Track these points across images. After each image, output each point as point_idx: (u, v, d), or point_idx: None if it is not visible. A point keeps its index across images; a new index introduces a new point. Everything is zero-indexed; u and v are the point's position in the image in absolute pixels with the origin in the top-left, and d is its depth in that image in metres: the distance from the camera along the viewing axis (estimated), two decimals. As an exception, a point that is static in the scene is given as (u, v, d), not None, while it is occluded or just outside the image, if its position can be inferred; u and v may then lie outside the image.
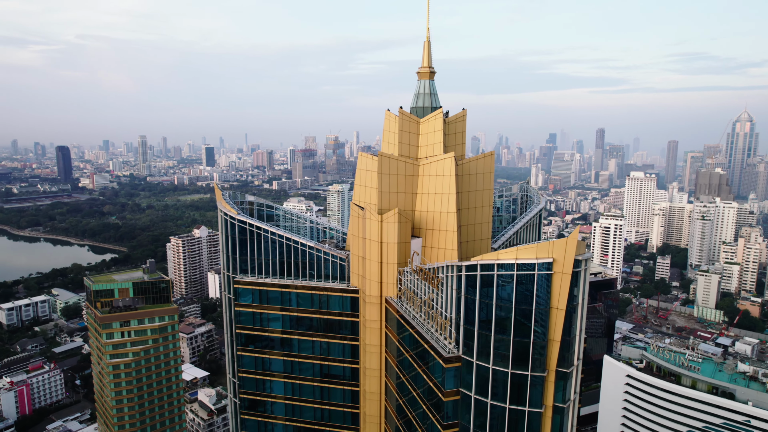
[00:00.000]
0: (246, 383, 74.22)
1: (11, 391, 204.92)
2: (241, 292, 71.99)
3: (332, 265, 68.82)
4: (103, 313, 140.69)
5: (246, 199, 79.12)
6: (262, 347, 73.11)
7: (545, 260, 41.42)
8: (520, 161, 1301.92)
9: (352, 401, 70.15)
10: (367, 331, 66.27)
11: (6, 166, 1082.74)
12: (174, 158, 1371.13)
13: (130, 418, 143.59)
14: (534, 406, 44.09)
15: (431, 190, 62.80)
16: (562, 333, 43.04)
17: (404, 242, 61.86)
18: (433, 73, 68.28)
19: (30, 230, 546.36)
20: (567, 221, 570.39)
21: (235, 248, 71.57)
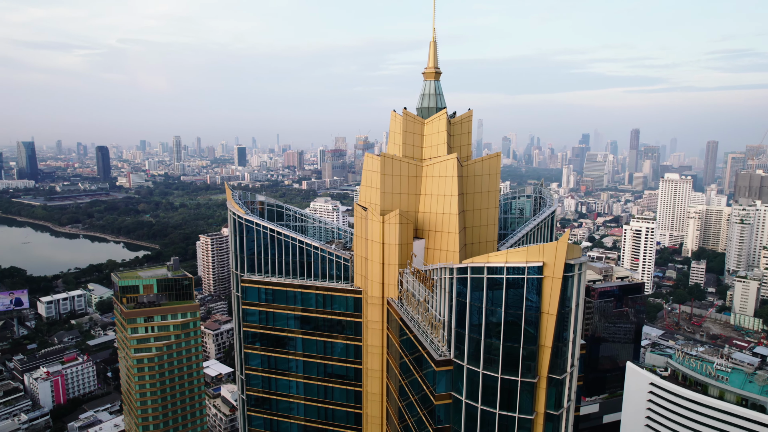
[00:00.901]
0: (252, 380, 75.34)
1: (47, 381, 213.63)
2: (248, 291, 73.14)
3: (336, 266, 69.15)
4: (129, 308, 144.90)
5: (256, 199, 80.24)
6: (267, 345, 74.06)
7: (535, 264, 40.53)
8: (552, 162, 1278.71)
9: (355, 401, 70.34)
10: (369, 332, 66.30)
11: (51, 166, 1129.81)
12: (207, 158, 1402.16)
13: (153, 411, 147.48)
14: (524, 412, 43.21)
15: (434, 192, 62.34)
16: (553, 339, 42.05)
17: (406, 243, 61.59)
18: (439, 74, 67.76)
19: (70, 227, 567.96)
20: (598, 223, 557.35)
21: (242, 247, 72.74)
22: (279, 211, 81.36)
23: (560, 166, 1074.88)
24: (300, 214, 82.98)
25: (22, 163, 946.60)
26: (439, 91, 67.96)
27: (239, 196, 78.36)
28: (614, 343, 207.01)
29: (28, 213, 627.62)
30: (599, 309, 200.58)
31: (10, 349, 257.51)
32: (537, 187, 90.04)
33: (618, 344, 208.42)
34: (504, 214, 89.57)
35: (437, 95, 67.49)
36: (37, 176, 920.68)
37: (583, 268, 42.43)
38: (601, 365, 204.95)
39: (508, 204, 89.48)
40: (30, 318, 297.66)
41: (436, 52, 66.91)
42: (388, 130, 69.25)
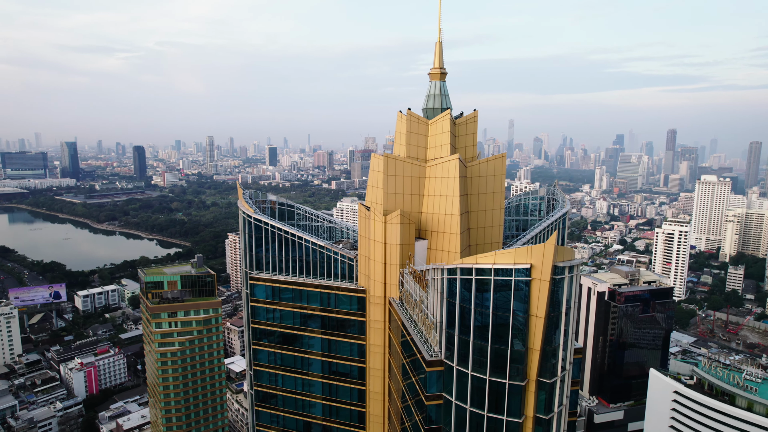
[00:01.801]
0: (260, 376, 76.78)
1: (81, 372, 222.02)
2: (256, 288, 74.60)
3: (341, 265, 69.83)
4: (153, 304, 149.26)
5: (268, 198, 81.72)
6: (274, 342, 75.35)
7: (522, 266, 40.13)
8: (585, 163, 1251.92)
9: (358, 400, 70.87)
10: (372, 331, 66.76)
11: (91, 165, 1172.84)
12: (240, 158, 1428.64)
13: (176, 404, 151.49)
14: (512, 415, 42.80)
15: (437, 192, 62.32)
16: (543, 342, 41.53)
17: (407, 244, 61.74)
18: (444, 74, 67.64)
19: (107, 224, 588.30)
20: (631, 226, 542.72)
21: (251, 245, 74.24)
22: (290, 210, 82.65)
23: (593, 168, 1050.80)
24: (311, 213, 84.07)
25: (65, 163, 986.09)
26: (445, 91, 67.83)
27: (250, 195, 79.99)
28: (641, 349, 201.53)
29: (69, 210, 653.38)
30: (624, 314, 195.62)
31: (49, 340, 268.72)
32: (550, 188, 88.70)
33: (645, 350, 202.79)
34: (517, 215, 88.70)
35: (442, 96, 67.39)
36: (78, 175, 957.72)
37: (575, 271, 41.75)
38: (626, 371, 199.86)
39: (520, 205, 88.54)
40: (68, 311, 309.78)
41: (442, 53, 66.82)
42: (395, 130, 69.57)
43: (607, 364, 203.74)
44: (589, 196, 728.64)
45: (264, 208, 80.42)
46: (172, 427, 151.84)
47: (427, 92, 68.29)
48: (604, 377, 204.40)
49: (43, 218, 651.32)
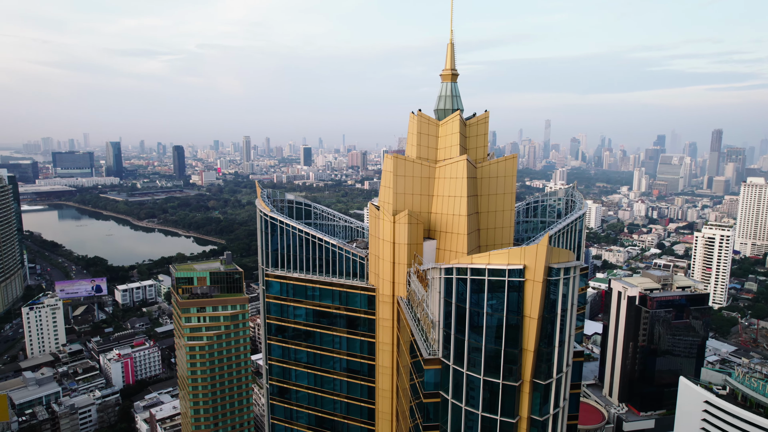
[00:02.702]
0: (275, 370, 78.83)
1: (119, 362, 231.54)
2: (271, 284, 76.62)
3: (353, 264, 71.01)
4: (183, 299, 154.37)
5: (285, 197, 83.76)
6: (288, 337, 77.22)
7: (516, 267, 40.22)
8: (623, 164, 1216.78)
9: (368, 397, 71.86)
10: (381, 329, 67.69)
11: (134, 164, 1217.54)
12: (275, 158, 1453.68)
13: (204, 396, 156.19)
14: (506, 415, 42.87)
15: (445, 193, 62.70)
16: (537, 343, 41.48)
17: (415, 243, 62.37)
18: (456, 76, 67.91)
19: (147, 221, 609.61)
20: (670, 230, 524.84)
21: (267, 243, 76.32)
22: (307, 209, 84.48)
23: (631, 169, 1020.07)
24: (327, 212, 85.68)
25: (110, 162, 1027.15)
26: (456, 93, 68.10)
27: (268, 194, 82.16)
28: (675, 357, 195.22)
29: (113, 208, 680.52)
30: (656, 319, 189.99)
31: (90, 331, 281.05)
32: (569, 190, 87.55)
33: (679, 358, 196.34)
34: (534, 217, 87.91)
35: (453, 97, 67.68)
36: (121, 174, 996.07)
37: (572, 273, 41.51)
38: (658, 379, 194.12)
39: (537, 207, 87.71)
40: (108, 304, 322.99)
41: (453, 55, 67.11)
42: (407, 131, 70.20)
43: (637, 371, 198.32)
44: (626, 199, 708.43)
45: (282, 207, 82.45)
46: (200, 419, 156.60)
47: (439, 93, 68.72)
48: (635, 384, 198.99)
49: (89, 215, 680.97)
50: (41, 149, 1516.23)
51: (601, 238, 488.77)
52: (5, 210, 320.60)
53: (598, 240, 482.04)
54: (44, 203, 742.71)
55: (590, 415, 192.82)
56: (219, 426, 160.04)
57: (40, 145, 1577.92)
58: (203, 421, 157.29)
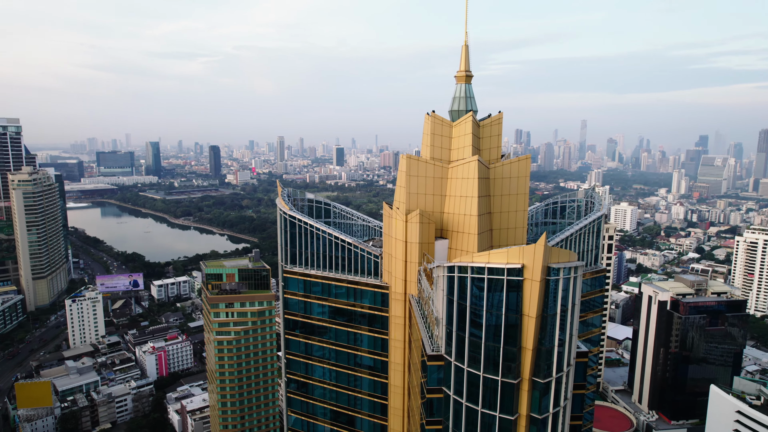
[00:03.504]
0: (292, 365, 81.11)
1: (153, 355, 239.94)
2: (289, 281, 78.95)
3: (368, 262, 72.52)
4: (213, 294, 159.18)
5: (306, 196, 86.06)
6: (305, 333, 79.37)
7: (514, 266, 40.81)
8: (662, 166, 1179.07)
9: (381, 392, 73.24)
10: (393, 326, 68.99)
11: (172, 163, 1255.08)
12: (309, 158, 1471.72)
13: (231, 390, 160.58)
14: (505, 412, 43.46)
15: (457, 193, 63.49)
16: (536, 341, 41.96)
17: (427, 242, 63.38)
18: (470, 77, 68.54)
19: (183, 219, 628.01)
20: (710, 233, 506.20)
21: (286, 240, 78.68)
22: (326, 208, 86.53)
23: (671, 171, 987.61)
24: (346, 212, 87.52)
25: (149, 161, 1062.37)
26: (470, 94, 68.75)
27: (288, 193, 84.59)
28: (709, 365, 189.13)
29: (151, 205, 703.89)
30: (689, 326, 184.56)
31: (128, 324, 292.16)
32: (588, 191, 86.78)
33: (714, 366, 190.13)
34: (553, 218, 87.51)
35: (467, 98, 68.36)
36: (160, 173, 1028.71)
37: (573, 273, 41.80)
38: (690, 387, 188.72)
39: (557, 208, 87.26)
40: (144, 299, 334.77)
41: (468, 56, 67.79)
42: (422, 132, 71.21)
43: (669, 378, 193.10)
44: (664, 201, 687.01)
45: (302, 206, 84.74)
46: (227, 411, 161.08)
47: (453, 95, 69.51)
48: (666, 391, 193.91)
49: (129, 212, 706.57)
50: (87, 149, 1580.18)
51: (636, 242, 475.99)
52: (52, 207, 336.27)
53: (633, 243, 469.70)
54: (88, 201, 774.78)
55: (618, 422, 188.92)
56: (245, 419, 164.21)
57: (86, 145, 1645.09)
58: (230, 414, 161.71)
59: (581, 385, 48.27)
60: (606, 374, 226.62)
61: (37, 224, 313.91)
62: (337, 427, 78.92)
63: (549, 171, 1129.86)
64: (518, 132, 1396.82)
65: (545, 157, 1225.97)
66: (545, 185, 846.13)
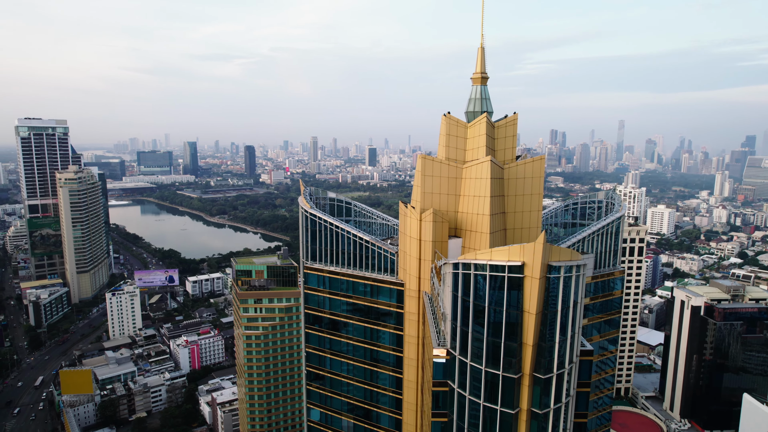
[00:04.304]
0: (311, 358, 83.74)
1: (186, 348, 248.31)
2: (309, 277, 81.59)
3: (384, 259, 74.34)
4: (242, 290, 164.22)
5: (327, 196, 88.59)
6: (323, 327, 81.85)
7: (515, 263, 41.83)
8: (704, 167, 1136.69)
9: (396, 387, 74.91)
10: (407, 322, 70.60)
11: (209, 163, 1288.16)
12: (342, 158, 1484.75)
13: (258, 383, 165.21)
14: (506, 406, 44.45)
15: (471, 193, 64.63)
16: (537, 338, 42.87)
17: (440, 241, 64.74)
18: (486, 79, 69.50)
19: (218, 217, 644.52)
20: (755, 238, 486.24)
21: (307, 238, 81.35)
22: (347, 207, 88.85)
23: (714, 172, 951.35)
24: (366, 211, 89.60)
25: (187, 161, 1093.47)
26: (486, 95, 69.71)
27: (310, 192, 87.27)
28: (745, 374, 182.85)
29: (188, 204, 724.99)
30: (725, 332, 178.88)
31: (163, 319, 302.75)
32: (609, 192, 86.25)
33: (751, 375, 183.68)
34: (573, 219, 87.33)
35: (483, 99, 69.35)
36: (197, 172, 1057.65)
37: (575, 271, 42.47)
38: (726, 396, 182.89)
39: (577, 209, 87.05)
40: (179, 294, 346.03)
41: (484, 59, 68.80)
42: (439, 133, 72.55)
43: (702, 386, 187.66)
44: (705, 204, 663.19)
45: (323, 204, 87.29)
46: (254, 405, 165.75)
47: (469, 96, 70.60)
48: (699, 400, 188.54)
49: (167, 210, 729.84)
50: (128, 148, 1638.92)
51: (674, 245, 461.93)
52: (95, 204, 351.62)
53: (670, 247, 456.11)
54: (129, 199, 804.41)
55: (648, 429, 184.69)
56: (272, 413, 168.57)
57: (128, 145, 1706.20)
58: (257, 407, 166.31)
59: (586, 383, 48.81)
60: (637, 380, 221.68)
61: (81, 220, 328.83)
62: (354, 420, 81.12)
63: (585, 172, 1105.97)
64: (553, 132, 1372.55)
65: (581, 158, 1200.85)
66: (580, 187, 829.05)
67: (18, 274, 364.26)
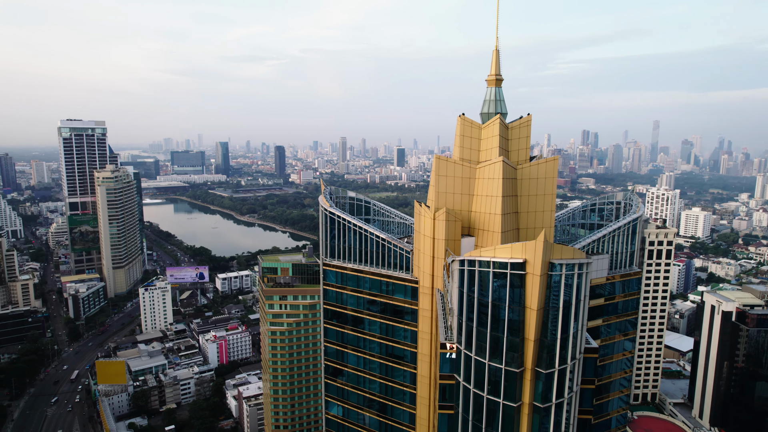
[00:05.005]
0: (330, 351, 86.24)
1: (214, 343, 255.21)
2: (328, 273, 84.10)
3: (400, 257, 76.22)
4: (268, 287, 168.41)
5: (347, 195, 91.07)
6: (341, 322, 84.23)
7: (517, 260, 43.08)
8: (745, 169, 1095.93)
9: (411, 382, 76.63)
10: (421, 319, 72.28)
11: (240, 163, 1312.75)
12: (370, 158, 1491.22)
13: (282, 378, 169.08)
14: (508, 399, 45.68)
15: (483, 192, 65.90)
16: (540, 333, 43.99)
17: (453, 239, 66.18)
18: (500, 81, 70.62)
19: (248, 216, 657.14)
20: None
21: (326, 235, 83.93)
22: (366, 206, 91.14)
23: (755, 174, 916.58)
24: (385, 210, 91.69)
25: (218, 161, 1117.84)
26: (500, 97, 70.83)
27: (330, 192, 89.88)
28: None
29: (219, 203, 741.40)
30: (757, 339, 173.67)
31: (193, 314, 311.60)
32: (627, 194, 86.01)
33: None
34: (591, 219, 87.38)
35: (497, 101, 70.49)
36: (228, 171, 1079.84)
37: (577, 269, 43.47)
38: (759, 405, 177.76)
39: (594, 210, 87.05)
40: (209, 291, 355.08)
41: (499, 61, 69.94)
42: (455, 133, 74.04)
43: (734, 394, 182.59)
44: (745, 207, 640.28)
45: (343, 203, 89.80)
46: (278, 399, 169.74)
47: (484, 97, 71.84)
48: (729, 408, 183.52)
49: (199, 209, 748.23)
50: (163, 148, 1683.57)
51: (709, 249, 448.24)
52: (130, 203, 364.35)
53: (705, 251, 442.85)
54: (162, 197, 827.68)
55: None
56: (295, 408, 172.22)
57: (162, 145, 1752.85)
58: (281, 402, 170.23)
59: (590, 380, 49.59)
60: (665, 386, 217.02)
61: (117, 218, 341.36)
62: (370, 413, 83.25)
63: (617, 174, 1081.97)
64: (585, 133, 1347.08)
65: (613, 160, 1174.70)
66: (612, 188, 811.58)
67: (59, 268, 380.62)
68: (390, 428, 79.89)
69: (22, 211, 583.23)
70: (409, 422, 78.03)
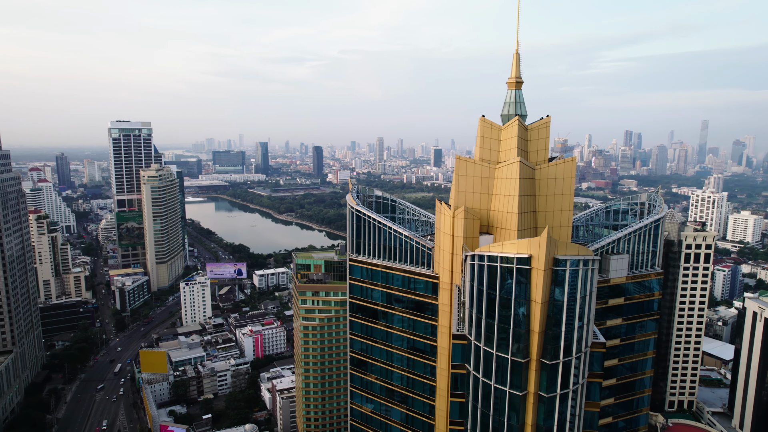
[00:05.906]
0: (355, 344, 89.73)
1: (251, 337, 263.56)
2: (354, 268, 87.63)
3: (422, 254, 78.97)
4: (301, 283, 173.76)
5: (374, 194, 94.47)
6: (365, 315, 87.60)
7: (522, 255, 45.14)
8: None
9: (431, 374, 79.19)
10: (441, 313, 74.73)
11: (279, 162, 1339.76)
12: (407, 158, 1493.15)
13: (314, 372, 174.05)
14: (514, 388, 47.69)
15: (501, 192, 67.91)
16: (544, 326, 45.90)
17: (471, 237, 68.42)
18: (520, 83, 72.37)
19: (286, 215, 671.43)
20: None
21: (353, 232, 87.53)
22: (392, 205, 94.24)
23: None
24: (410, 208, 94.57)
25: (258, 160, 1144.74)
26: (520, 99, 72.59)
27: (357, 191, 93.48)
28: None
29: (258, 201, 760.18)
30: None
31: (231, 309, 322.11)
32: (651, 194, 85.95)
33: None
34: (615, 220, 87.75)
35: (517, 103, 72.29)
36: (267, 171, 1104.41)
37: (581, 265, 45.22)
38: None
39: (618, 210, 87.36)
40: (247, 286, 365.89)
41: (519, 64, 71.75)
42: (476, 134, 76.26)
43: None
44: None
45: (370, 202, 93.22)
46: (310, 393, 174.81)
47: (505, 100, 73.74)
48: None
49: (238, 207, 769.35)
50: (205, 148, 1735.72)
51: (759, 255, 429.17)
52: (173, 201, 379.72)
53: (754, 256, 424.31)
54: (204, 196, 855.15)
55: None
56: (326, 401, 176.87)
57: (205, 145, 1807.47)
58: (312, 395, 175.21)
59: (598, 374, 51.05)
60: (704, 394, 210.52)
61: (161, 215, 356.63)
62: (391, 404, 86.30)
63: (661, 175, 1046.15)
64: (628, 133, 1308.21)
65: (657, 161, 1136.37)
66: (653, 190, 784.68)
67: (107, 262, 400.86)
68: (411, 419, 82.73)
69: (75, 208, 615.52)
70: (429, 413, 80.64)
